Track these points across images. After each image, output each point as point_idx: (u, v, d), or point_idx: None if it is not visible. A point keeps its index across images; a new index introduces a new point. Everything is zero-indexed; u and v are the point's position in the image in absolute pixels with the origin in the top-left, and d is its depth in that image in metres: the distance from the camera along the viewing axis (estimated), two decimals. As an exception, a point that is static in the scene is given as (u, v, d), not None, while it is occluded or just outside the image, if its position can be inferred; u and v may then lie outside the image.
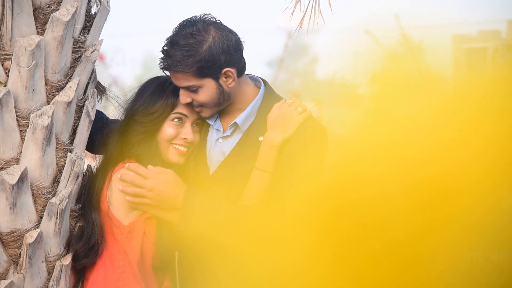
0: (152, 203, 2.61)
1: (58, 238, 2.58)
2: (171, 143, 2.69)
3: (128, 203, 2.64)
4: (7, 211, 2.48)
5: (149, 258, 2.69)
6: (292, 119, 2.63)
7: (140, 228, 2.65)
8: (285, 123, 2.63)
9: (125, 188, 2.62)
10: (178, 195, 2.59)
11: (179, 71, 2.58)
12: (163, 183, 2.60)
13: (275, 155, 2.61)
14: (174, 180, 2.61)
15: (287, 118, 2.64)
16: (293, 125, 2.63)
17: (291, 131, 2.62)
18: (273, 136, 2.62)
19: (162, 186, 2.60)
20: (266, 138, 2.62)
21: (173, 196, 2.60)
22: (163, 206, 2.61)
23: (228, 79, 2.62)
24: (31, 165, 2.50)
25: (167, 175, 2.62)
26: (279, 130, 2.63)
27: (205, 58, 2.56)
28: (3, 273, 2.52)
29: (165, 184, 2.60)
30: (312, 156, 2.62)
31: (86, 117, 2.66)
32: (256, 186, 2.60)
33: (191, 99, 2.64)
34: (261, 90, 2.73)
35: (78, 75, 2.61)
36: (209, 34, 2.58)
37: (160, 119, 2.67)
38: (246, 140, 2.68)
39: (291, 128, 2.63)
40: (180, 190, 2.60)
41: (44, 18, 2.53)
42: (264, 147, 2.62)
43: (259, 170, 2.61)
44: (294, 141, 2.63)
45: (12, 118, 2.48)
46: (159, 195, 2.61)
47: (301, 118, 2.64)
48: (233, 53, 2.60)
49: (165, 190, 2.60)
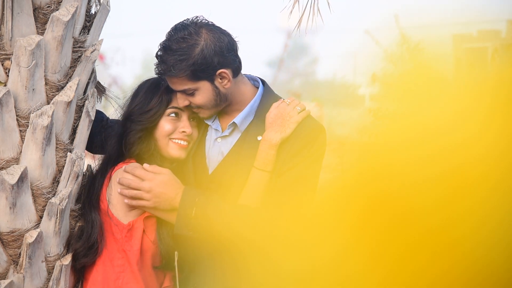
0: (150, 204, 2.61)
1: (58, 238, 2.58)
2: (170, 139, 2.70)
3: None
4: (7, 211, 2.48)
5: (149, 258, 2.69)
6: (291, 118, 2.64)
7: (139, 227, 2.65)
8: (283, 122, 2.63)
9: (122, 191, 2.63)
10: (176, 195, 2.59)
11: (173, 75, 2.59)
12: (161, 184, 2.60)
13: (273, 154, 2.61)
14: (171, 180, 2.61)
15: (285, 117, 2.64)
16: (291, 124, 2.63)
17: (290, 130, 2.63)
18: (272, 135, 2.62)
19: (159, 187, 2.60)
20: (265, 138, 2.63)
21: (171, 197, 2.60)
22: (161, 207, 2.61)
23: (224, 80, 2.63)
24: (31, 165, 2.50)
25: (164, 175, 2.61)
26: (278, 129, 2.63)
27: (198, 61, 2.57)
28: (3, 273, 2.52)
29: (163, 184, 2.60)
30: (311, 155, 2.63)
31: (86, 117, 2.66)
32: (255, 185, 2.60)
33: (189, 102, 2.65)
34: (259, 89, 2.74)
35: (78, 75, 2.61)
36: (201, 37, 2.58)
37: (156, 116, 2.68)
38: (245, 140, 2.68)
39: (290, 127, 2.63)
40: (177, 190, 2.60)
41: (44, 18, 2.53)
42: (262, 146, 2.62)
43: (258, 170, 2.61)
44: (293, 140, 2.63)
45: (12, 118, 2.48)
46: (157, 197, 2.60)
47: (299, 117, 2.64)
48: (226, 54, 2.60)
49: (163, 191, 2.60)
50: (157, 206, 2.61)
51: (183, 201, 2.57)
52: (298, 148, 2.62)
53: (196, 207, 2.57)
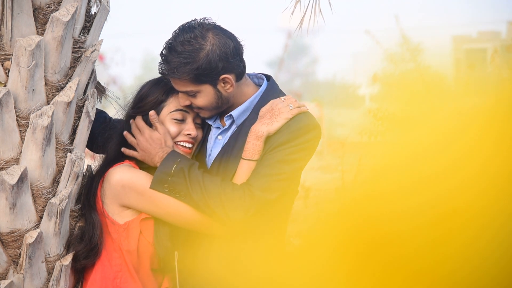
0: (139, 156, 2.69)
1: (58, 238, 2.58)
2: (175, 142, 2.70)
3: (117, 200, 2.64)
4: (7, 211, 2.48)
5: (147, 259, 2.69)
6: (281, 113, 2.65)
7: (136, 228, 2.65)
8: (272, 116, 2.65)
9: (126, 133, 2.73)
10: (156, 154, 2.66)
11: (176, 77, 2.60)
12: (149, 139, 2.67)
13: (260, 145, 2.62)
14: (159, 139, 2.67)
15: (275, 112, 2.65)
16: (280, 119, 2.64)
17: (277, 125, 2.63)
18: (258, 127, 2.64)
19: (146, 142, 2.68)
20: (252, 129, 2.65)
21: (153, 153, 2.66)
22: (147, 162, 2.68)
23: (226, 85, 2.64)
24: (31, 165, 2.50)
25: (155, 133, 2.68)
26: (265, 122, 2.64)
27: (202, 66, 2.58)
28: (3, 273, 2.52)
29: (151, 141, 2.67)
30: (296, 146, 2.63)
31: (86, 117, 2.66)
32: (242, 175, 2.62)
33: (190, 102, 2.66)
34: (261, 88, 2.74)
35: (78, 75, 2.61)
36: (207, 41, 2.59)
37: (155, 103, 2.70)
38: (239, 133, 2.70)
39: (278, 121, 2.64)
40: (160, 150, 2.66)
41: (44, 18, 2.53)
42: (249, 137, 2.64)
43: (245, 160, 2.62)
44: (282, 133, 2.65)
45: (12, 118, 2.48)
46: (142, 150, 2.68)
47: (289, 114, 2.65)
48: (231, 60, 2.61)
49: (148, 146, 2.67)
50: (144, 159, 2.69)
51: (166, 159, 2.63)
52: (286, 139, 2.63)
53: (177, 164, 2.61)
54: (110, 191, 2.64)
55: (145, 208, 2.64)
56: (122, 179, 2.64)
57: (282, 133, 2.63)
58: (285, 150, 2.62)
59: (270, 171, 2.60)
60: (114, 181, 2.64)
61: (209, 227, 2.64)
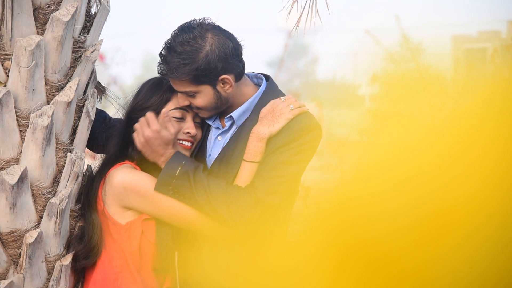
0: (140, 148, 2.66)
1: (58, 238, 2.58)
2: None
3: (119, 202, 2.64)
4: (7, 211, 2.48)
5: (149, 259, 2.69)
6: (282, 114, 2.65)
7: (138, 228, 2.65)
8: (273, 117, 2.65)
9: (135, 125, 2.67)
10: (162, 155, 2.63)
11: (175, 78, 2.60)
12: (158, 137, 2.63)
13: (262, 147, 2.62)
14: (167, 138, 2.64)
15: (276, 113, 2.65)
16: (281, 120, 2.64)
17: (279, 126, 2.64)
18: (260, 129, 2.64)
19: (153, 138, 2.63)
20: (253, 130, 2.65)
21: (158, 152, 2.63)
22: (147, 156, 2.66)
23: (226, 85, 2.64)
24: (31, 165, 2.50)
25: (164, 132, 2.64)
26: (266, 123, 2.64)
27: (202, 67, 2.57)
28: (3, 273, 2.52)
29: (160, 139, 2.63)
30: (298, 147, 2.63)
31: (86, 117, 2.66)
32: (244, 177, 2.62)
33: (189, 102, 2.66)
34: (260, 88, 2.75)
35: (78, 75, 2.61)
36: (206, 41, 2.58)
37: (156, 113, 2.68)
38: (240, 134, 2.70)
39: (279, 122, 2.64)
40: (166, 151, 2.63)
41: (44, 18, 2.53)
42: (251, 139, 2.64)
43: (247, 162, 2.62)
44: (284, 134, 2.64)
45: (12, 118, 2.48)
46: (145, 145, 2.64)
47: (290, 114, 2.65)
48: (230, 61, 2.61)
49: (154, 142, 2.63)
50: (143, 150, 2.66)
51: (170, 161, 2.61)
52: (287, 140, 2.63)
53: (181, 167, 2.60)
54: (112, 192, 2.64)
55: (147, 210, 2.64)
56: (124, 181, 2.63)
57: (284, 134, 2.63)
58: (288, 151, 2.62)
59: (274, 173, 2.60)
60: (115, 182, 2.63)
61: (212, 229, 2.63)
